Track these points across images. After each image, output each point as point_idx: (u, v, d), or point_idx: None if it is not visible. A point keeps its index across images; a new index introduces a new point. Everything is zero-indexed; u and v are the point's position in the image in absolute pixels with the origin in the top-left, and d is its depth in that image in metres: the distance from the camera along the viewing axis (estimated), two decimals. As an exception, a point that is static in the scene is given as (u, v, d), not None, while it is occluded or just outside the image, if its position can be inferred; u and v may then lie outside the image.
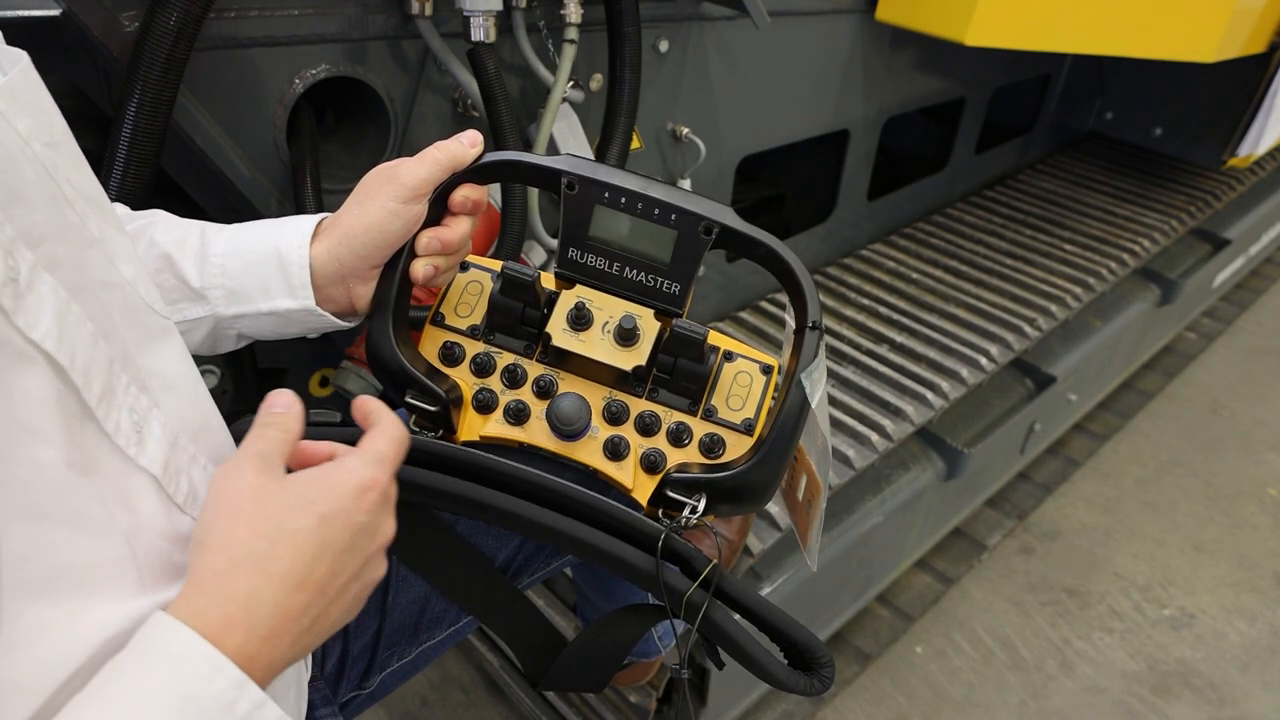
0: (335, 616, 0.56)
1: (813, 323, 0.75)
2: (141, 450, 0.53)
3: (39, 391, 0.46)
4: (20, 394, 0.45)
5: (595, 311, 0.79)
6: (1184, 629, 2.09)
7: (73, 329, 0.48)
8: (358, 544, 0.57)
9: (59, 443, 0.47)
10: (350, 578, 0.56)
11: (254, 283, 0.77)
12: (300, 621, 0.53)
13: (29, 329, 0.45)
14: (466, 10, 1.13)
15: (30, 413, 0.45)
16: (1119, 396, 2.78)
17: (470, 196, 0.78)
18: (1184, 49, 1.82)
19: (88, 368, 0.49)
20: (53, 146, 0.52)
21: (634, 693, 1.52)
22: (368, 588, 0.59)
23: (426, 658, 0.94)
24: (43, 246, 0.47)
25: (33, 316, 0.45)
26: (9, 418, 0.44)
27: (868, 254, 2.31)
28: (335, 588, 0.55)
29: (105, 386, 0.50)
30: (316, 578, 0.54)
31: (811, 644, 0.75)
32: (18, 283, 0.45)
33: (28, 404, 0.45)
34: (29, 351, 0.45)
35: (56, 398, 0.47)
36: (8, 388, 0.44)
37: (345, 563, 0.56)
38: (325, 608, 0.55)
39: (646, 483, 0.79)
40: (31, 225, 0.47)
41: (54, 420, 0.46)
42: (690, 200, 0.75)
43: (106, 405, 0.50)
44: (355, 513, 0.56)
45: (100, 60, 0.98)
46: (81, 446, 0.48)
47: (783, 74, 1.78)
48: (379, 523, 0.59)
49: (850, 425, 1.73)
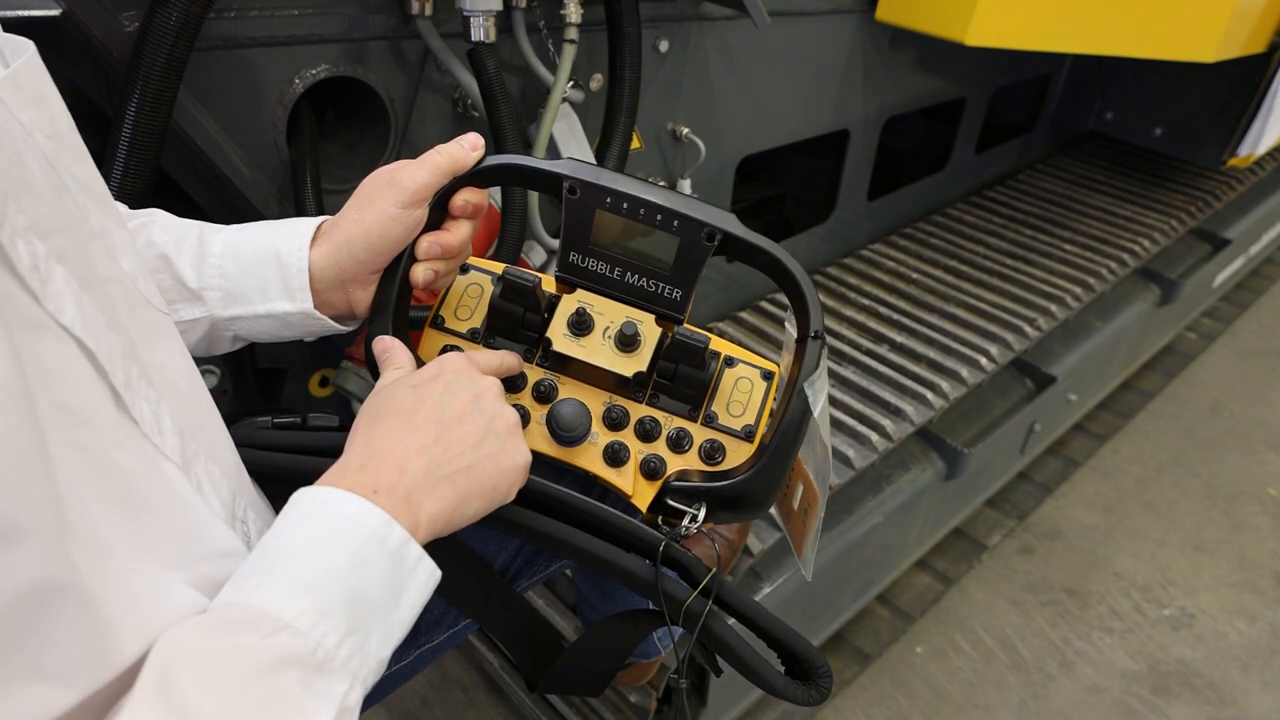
0: (469, 439, 0.63)
1: (814, 332, 0.75)
2: (164, 440, 0.53)
3: (79, 375, 0.46)
4: (63, 377, 0.45)
5: (596, 316, 0.79)
6: (1184, 629, 2.09)
7: (91, 318, 0.48)
8: (456, 385, 0.66)
9: (102, 425, 0.47)
10: (464, 408, 0.65)
11: (252, 285, 0.77)
12: (420, 438, 0.61)
13: (58, 314, 0.45)
14: (466, 10, 1.13)
15: (74, 396, 0.45)
16: (1119, 396, 2.78)
17: (471, 200, 0.77)
18: (1184, 49, 1.81)
19: (110, 355, 0.49)
20: (55, 138, 0.52)
21: (634, 693, 1.52)
22: (501, 421, 0.66)
23: (425, 660, 0.94)
24: (51, 237, 0.47)
25: (59, 302, 0.45)
26: (55, 401, 0.44)
27: (868, 254, 2.31)
28: (451, 414, 0.64)
29: (126, 376, 0.50)
30: (425, 414, 0.63)
31: (809, 654, 0.74)
32: (40, 270, 0.45)
33: (73, 387, 0.45)
34: (64, 336, 0.45)
35: (93, 382, 0.47)
36: (51, 370, 0.44)
37: (449, 400, 0.64)
38: (445, 430, 0.62)
39: (646, 489, 0.79)
40: (39, 216, 0.46)
41: (95, 404, 0.47)
42: (693, 206, 0.74)
43: (131, 394, 0.51)
44: (440, 373, 0.67)
45: (100, 60, 0.98)
46: (120, 430, 0.49)
47: (783, 74, 1.78)
48: (470, 372, 0.68)
49: (850, 425, 1.73)
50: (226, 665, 0.47)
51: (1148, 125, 2.80)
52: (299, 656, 0.49)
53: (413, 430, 0.61)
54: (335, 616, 0.52)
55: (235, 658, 0.48)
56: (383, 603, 0.55)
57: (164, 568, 0.51)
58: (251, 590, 0.51)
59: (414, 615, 0.58)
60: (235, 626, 0.49)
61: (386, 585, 0.55)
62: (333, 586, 0.52)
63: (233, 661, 0.47)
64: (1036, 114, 2.83)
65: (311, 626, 0.50)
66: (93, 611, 0.43)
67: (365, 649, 0.53)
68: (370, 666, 0.54)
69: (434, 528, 0.60)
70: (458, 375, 0.67)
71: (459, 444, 0.62)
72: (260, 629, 0.49)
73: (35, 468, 0.40)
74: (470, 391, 0.66)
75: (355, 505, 0.56)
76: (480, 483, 0.63)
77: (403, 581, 0.57)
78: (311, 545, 0.54)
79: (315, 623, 0.51)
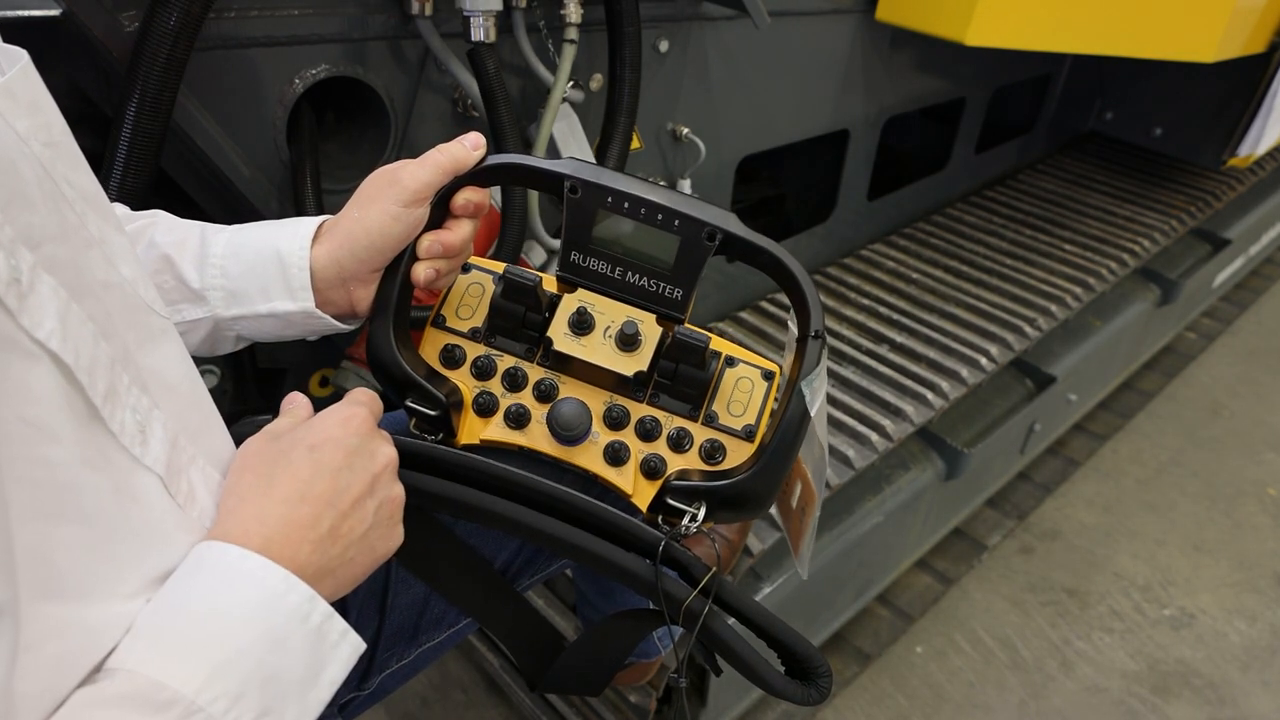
0: (358, 530, 0.61)
1: (815, 331, 0.75)
2: (146, 450, 0.53)
3: (48, 391, 0.46)
4: (30, 393, 0.45)
5: (597, 316, 0.79)
6: (1184, 629, 2.09)
7: (75, 329, 0.48)
8: (355, 463, 0.62)
9: (69, 441, 0.47)
10: (361, 493, 0.61)
11: (253, 284, 0.77)
12: (315, 529, 0.58)
13: (34, 329, 0.45)
14: (466, 10, 1.13)
15: (40, 412, 0.45)
16: (1119, 396, 2.78)
17: (472, 200, 0.77)
18: (1184, 49, 1.82)
19: (91, 367, 0.49)
20: (51, 146, 0.52)
21: (634, 693, 1.52)
22: (389, 506, 0.64)
23: (426, 659, 0.94)
24: (43, 247, 0.47)
25: (37, 316, 0.45)
26: (19, 417, 0.44)
27: (868, 254, 2.31)
28: (347, 501, 0.60)
29: (109, 386, 0.50)
30: (318, 492, 0.59)
31: (809, 654, 0.75)
32: (20, 283, 0.45)
33: (37, 403, 0.45)
34: (35, 351, 0.45)
35: (65, 397, 0.47)
36: (17, 387, 0.44)
37: (347, 479, 0.61)
38: (340, 520, 0.59)
39: (646, 488, 0.79)
40: (31, 226, 0.47)
41: (63, 419, 0.46)
42: (694, 206, 0.74)
43: (111, 405, 0.50)
44: (343, 438, 0.63)
45: (100, 60, 0.98)
46: (90, 446, 0.48)
47: (783, 74, 1.78)
48: (371, 445, 0.64)
49: (850, 425, 1.73)
50: None
51: (1147, 125, 2.81)
52: None
53: (309, 509, 0.58)
54: (249, 700, 0.51)
55: None
56: (300, 681, 0.54)
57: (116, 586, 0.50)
58: (164, 662, 0.49)
59: (333, 692, 0.57)
60: (144, 707, 0.48)
61: (306, 664, 0.55)
62: (248, 667, 0.51)
63: None
64: (1036, 114, 2.83)
65: (224, 712, 0.49)
66: (10, 637, 0.43)
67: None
68: None
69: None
70: (359, 450, 0.63)
71: (347, 537, 0.60)
72: (171, 712, 0.48)
73: None
74: (369, 473, 0.63)
75: (279, 579, 0.54)
76: (354, 572, 0.61)
77: (324, 659, 0.56)
78: (229, 617, 0.52)
79: (228, 708, 0.50)
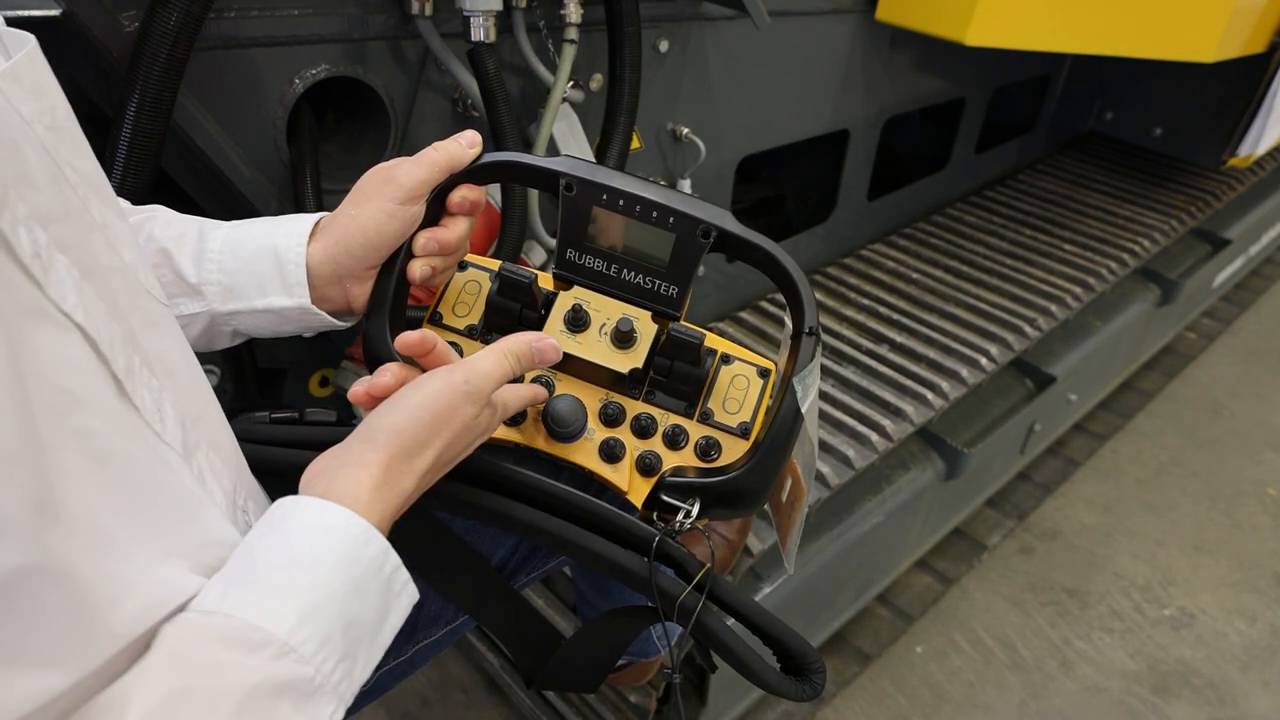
0: (451, 459, 0.68)
1: (809, 328, 0.75)
2: (164, 428, 0.53)
3: (80, 362, 0.46)
4: (66, 363, 0.45)
5: (593, 313, 0.79)
6: (1184, 629, 2.09)
7: (92, 305, 0.49)
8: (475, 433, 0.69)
9: (104, 412, 0.47)
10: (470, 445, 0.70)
11: (250, 280, 0.77)
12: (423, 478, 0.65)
13: (61, 301, 0.46)
14: (466, 10, 1.13)
15: (77, 382, 0.46)
16: (1119, 396, 2.78)
17: (468, 197, 0.78)
18: (1184, 49, 1.82)
19: (111, 343, 0.49)
20: (55, 130, 0.52)
21: (634, 693, 1.53)
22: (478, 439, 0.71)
23: (423, 656, 0.94)
24: (52, 227, 0.47)
25: (61, 290, 0.46)
26: (57, 387, 0.44)
27: (868, 254, 2.31)
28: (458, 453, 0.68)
29: (127, 363, 0.51)
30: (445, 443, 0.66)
31: (804, 650, 0.75)
32: (41, 257, 0.45)
33: (74, 374, 0.46)
34: (65, 323, 0.46)
35: (95, 370, 0.48)
36: (55, 357, 0.44)
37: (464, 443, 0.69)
38: (445, 464, 0.67)
39: (641, 485, 0.79)
40: (39, 206, 0.47)
41: (96, 391, 0.47)
42: (688, 203, 0.75)
43: (132, 381, 0.51)
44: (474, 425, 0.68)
45: (100, 60, 0.98)
46: (122, 418, 0.49)
47: (783, 74, 1.78)
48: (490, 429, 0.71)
49: (850, 425, 1.73)
50: (229, 686, 0.48)
51: (1147, 125, 2.81)
52: (298, 682, 0.51)
53: (428, 457, 0.64)
54: (333, 643, 0.53)
55: (238, 678, 0.49)
56: (372, 626, 0.57)
57: (163, 553, 0.51)
58: (256, 606, 0.51)
59: (392, 638, 0.60)
60: (239, 645, 0.50)
61: (378, 610, 0.58)
62: (334, 612, 0.54)
63: (236, 683, 0.48)
64: (1036, 114, 2.83)
65: (313, 654, 0.52)
66: (81, 597, 0.44)
67: (353, 673, 0.55)
68: (355, 688, 0.56)
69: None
70: (485, 430, 0.70)
71: (448, 465, 0.68)
72: (265, 652, 0.50)
73: (20, 453, 0.41)
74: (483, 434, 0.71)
75: (359, 530, 0.57)
76: (439, 473, 0.68)
77: (389, 606, 0.59)
78: (316, 566, 0.55)
79: (316, 650, 0.52)
